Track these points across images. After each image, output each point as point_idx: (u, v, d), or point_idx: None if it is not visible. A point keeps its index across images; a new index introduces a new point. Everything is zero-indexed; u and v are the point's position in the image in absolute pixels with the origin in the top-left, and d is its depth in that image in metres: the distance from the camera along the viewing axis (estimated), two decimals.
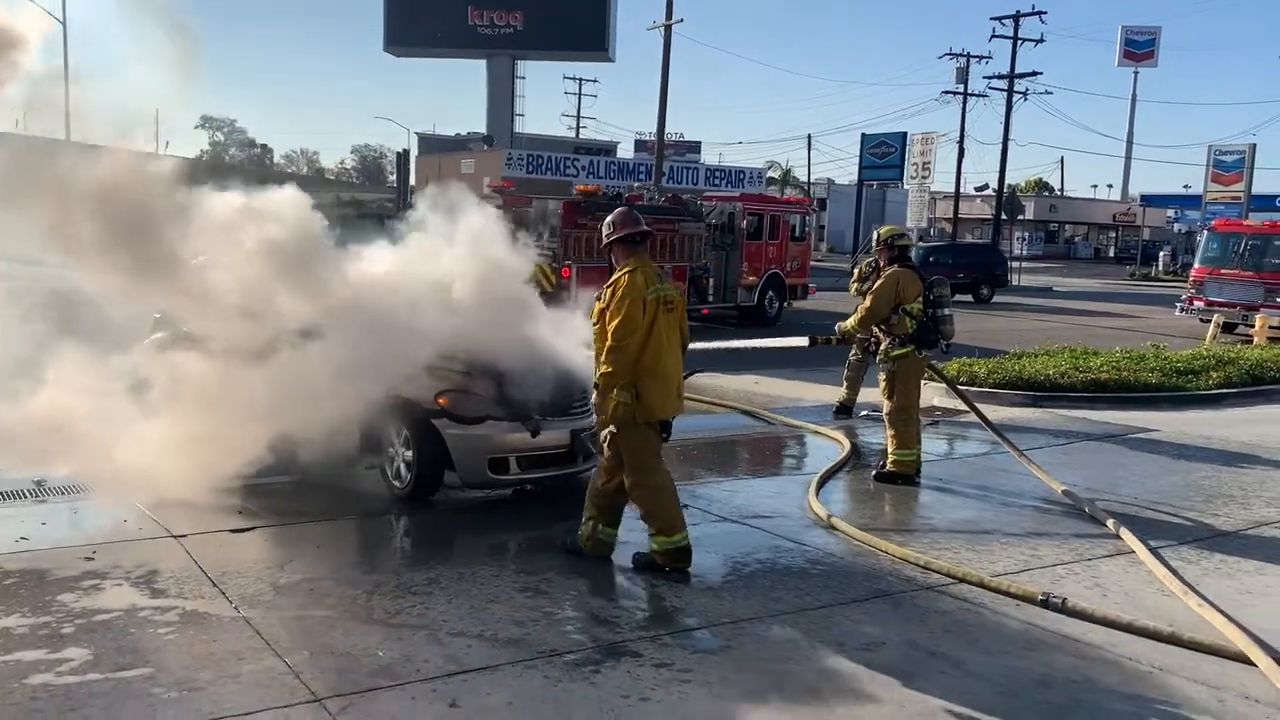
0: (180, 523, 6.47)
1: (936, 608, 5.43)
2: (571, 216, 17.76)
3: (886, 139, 41.95)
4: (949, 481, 8.37)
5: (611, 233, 5.89)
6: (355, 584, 5.47)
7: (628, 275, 5.70)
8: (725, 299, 21.41)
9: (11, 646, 4.51)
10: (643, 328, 5.60)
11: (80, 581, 5.35)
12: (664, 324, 5.68)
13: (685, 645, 4.82)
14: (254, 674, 4.34)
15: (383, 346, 6.94)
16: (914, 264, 8.70)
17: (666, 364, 5.70)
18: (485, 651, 4.65)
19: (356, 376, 6.95)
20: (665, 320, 5.69)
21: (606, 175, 38.23)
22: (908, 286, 8.17)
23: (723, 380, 13.37)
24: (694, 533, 6.70)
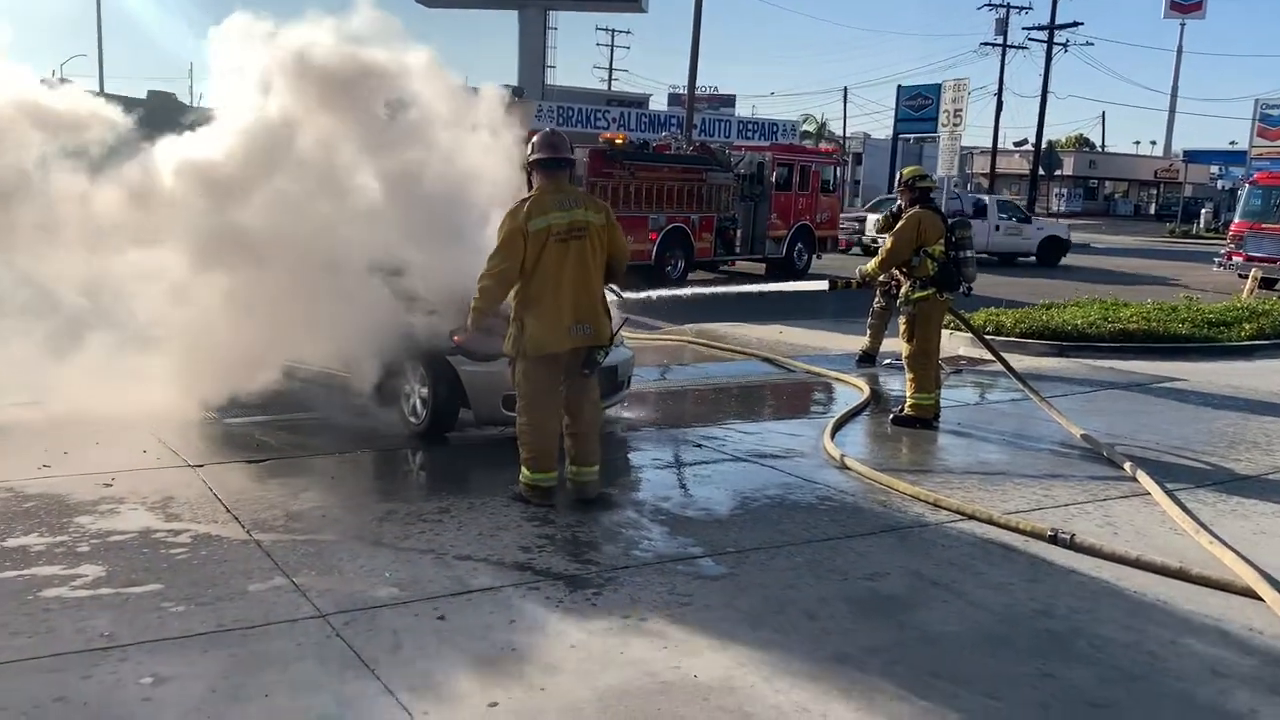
0: (198, 454, 6.59)
1: (943, 542, 5.42)
2: (597, 165, 17.66)
3: (923, 91, 41.37)
4: (968, 426, 8.33)
5: (529, 154, 5.74)
6: (367, 511, 5.54)
7: (514, 206, 5.61)
8: (753, 250, 21.28)
9: (28, 562, 4.62)
10: (519, 260, 5.46)
11: (97, 506, 5.46)
12: (555, 254, 5.47)
13: (688, 572, 4.84)
14: (261, 592, 4.42)
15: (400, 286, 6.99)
16: (936, 206, 8.61)
17: (556, 297, 5.49)
18: (490, 574, 4.70)
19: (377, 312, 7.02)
20: (557, 250, 5.47)
21: (638, 127, 37.99)
22: (929, 228, 8.08)
23: (746, 329, 13.36)
24: (704, 470, 6.78)
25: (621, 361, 7.61)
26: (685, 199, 19.27)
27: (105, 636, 3.92)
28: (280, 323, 7.31)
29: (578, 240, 5.56)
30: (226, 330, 7.57)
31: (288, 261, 7.23)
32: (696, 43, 28.89)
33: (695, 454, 7.20)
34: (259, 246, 7.19)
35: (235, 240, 7.15)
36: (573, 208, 5.61)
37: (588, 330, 5.62)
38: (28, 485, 5.73)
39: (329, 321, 7.16)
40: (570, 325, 5.56)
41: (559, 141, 5.79)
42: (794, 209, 21.90)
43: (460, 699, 3.61)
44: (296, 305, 7.20)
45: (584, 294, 5.60)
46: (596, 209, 5.74)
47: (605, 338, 5.73)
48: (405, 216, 7.32)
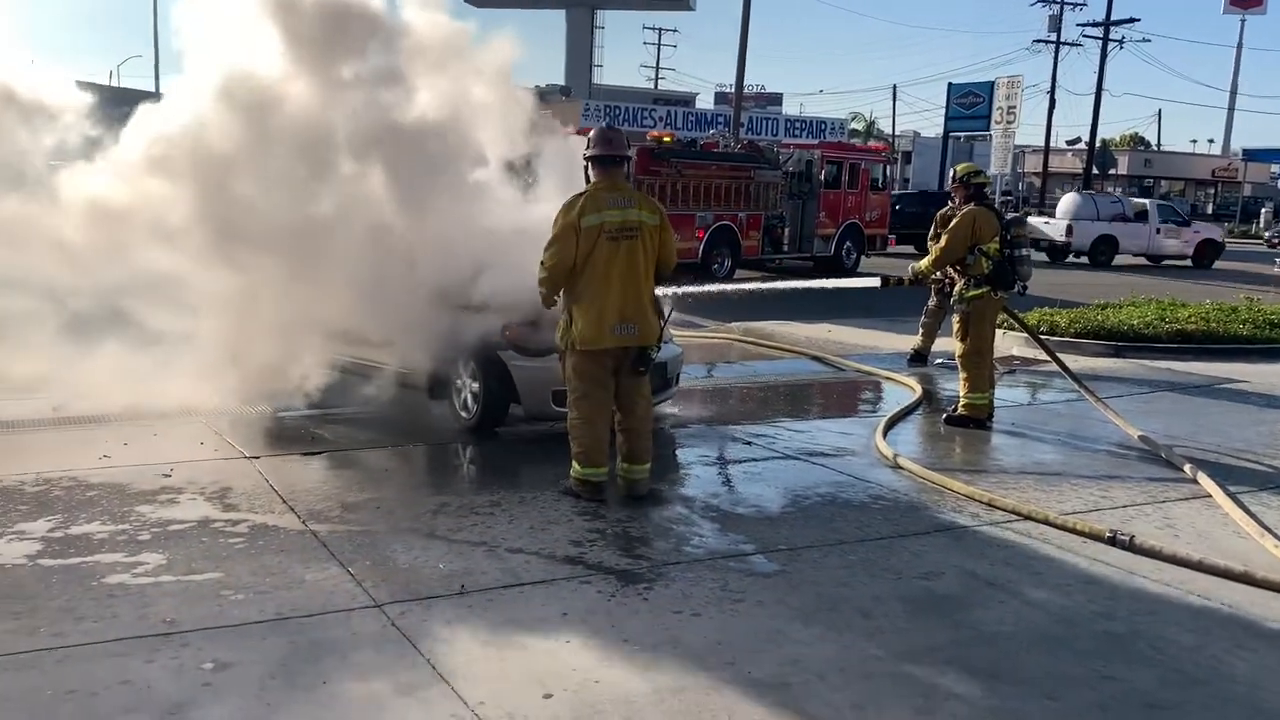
0: (254, 445, 6.69)
1: (999, 542, 5.35)
2: (644, 163, 17.64)
3: (974, 89, 40.77)
4: (1022, 427, 8.22)
5: (585, 149, 5.75)
6: (420, 504, 5.59)
7: (569, 200, 5.62)
8: (801, 249, 21.16)
9: (91, 549, 4.72)
10: (570, 255, 5.49)
11: (157, 495, 5.56)
12: (606, 252, 5.49)
13: (740, 569, 4.82)
14: (318, 581, 4.47)
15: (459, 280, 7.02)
16: (991, 203, 8.49)
17: (603, 295, 5.50)
18: (542, 567, 4.72)
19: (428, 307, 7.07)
20: (608, 248, 5.49)
21: (684, 126, 37.87)
22: (984, 225, 7.96)
23: (794, 328, 13.29)
24: (754, 468, 6.75)
25: (671, 358, 7.60)
26: (732, 197, 19.20)
27: (167, 623, 3.98)
28: (333, 318, 7.40)
29: (629, 239, 5.56)
30: (280, 325, 7.69)
31: (341, 256, 7.31)
32: (744, 41, 28.78)
33: (745, 451, 7.17)
34: (312, 240, 7.28)
35: (289, 232, 7.24)
36: (627, 206, 5.60)
37: (633, 330, 5.60)
38: (90, 475, 5.85)
39: (382, 316, 7.23)
40: (614, 324, 5.55)
41: (615, 138, 5.80)
42: (843, 207, 21.75)
43: (515, 691, 3.62)
44: (350, 300, 7.28)
45: (631, 293, 5.59)
46: (651, 209, 5.74)
47: (652, 338, 5.71)
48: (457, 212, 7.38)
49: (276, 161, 7.10)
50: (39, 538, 4.84)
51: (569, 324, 5.64)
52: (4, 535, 4.86)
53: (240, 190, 7.12)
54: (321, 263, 7.21)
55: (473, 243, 7.10)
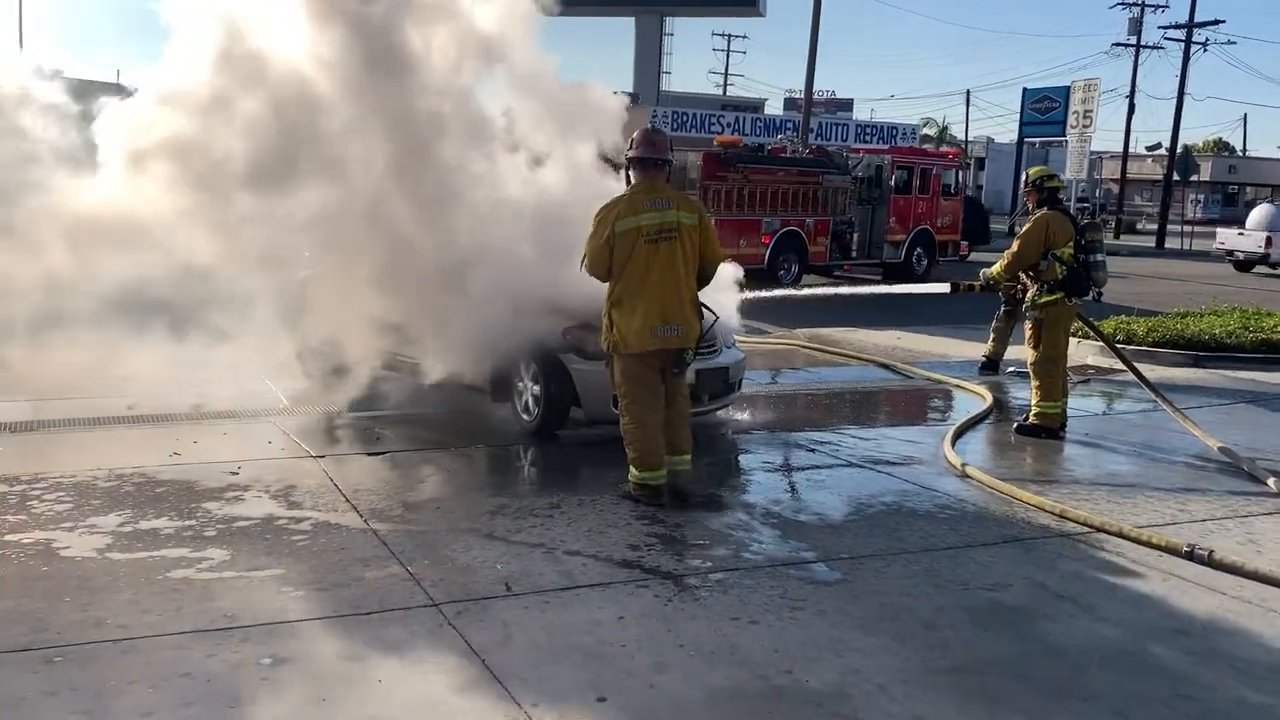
0: (320, 445, 6.77)
1: (1070, 554, 5.19)
2: (711, 168, 17.57)
3: (1050, 93, 39.90)
4: (1096, 437, 7.98)
5: (627, 150, 5.76)
6: (479, 505, 5.60)
7: (609, 202, 5.64)
8: (870, 255, 20.88)
9: (159, 544, 4.80)
10: (604, 261, 5.55)
11: (224, 492, 5.64)
12: (645, 254, 5.48)
13: (800, 576, 4.74)
14: (377, 579, 4.49)
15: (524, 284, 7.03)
16: (1066, 207, 8.28)
17: (644, 297, 5.48)
18: (599, 570, 4.69)
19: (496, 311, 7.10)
20: (647, 250, 5.48)
21: (753, 132, 37.69)
22: (1058, 230, 7.76)
23: (861, 334, 13.12)
24: (817, 475, 6.65)
25: (733, 363, 7.54)
26: (800, 202, 19.04)
27: (228, 617, 4.03)
28: (399, 320, 7.48)
29: (668, 241, 5.54)
30: (346, 325, 7.79)
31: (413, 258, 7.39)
32: (814, 45, 28.60)
33: (807, 458, 7.07)
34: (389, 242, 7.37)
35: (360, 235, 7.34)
36: (665, 208, 5.57)
37: (676, 331, 5.58)
38: (160, 471, 5.97)
39: (446, 318, 7.29)
40: (657, 326, 5.53)
41: (658, 140, 5.78)
42: (913, 213, 21.43)
43: (569, 693, 3.59)
44: (417, 303, 7.36)
45: (672, 295, 5.56)
46: (690, 210, 5.70)
47: (693, 339, 5.67)
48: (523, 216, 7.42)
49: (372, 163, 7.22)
50: (109, 531, 4.94)
51: (610, 327, 5.64)
52: (76, 528, 4.97)
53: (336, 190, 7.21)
54: (396, 265, 7.31)
55: (534, 245, 7.12)
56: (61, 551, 4.67)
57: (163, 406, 7.64)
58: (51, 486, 5.60)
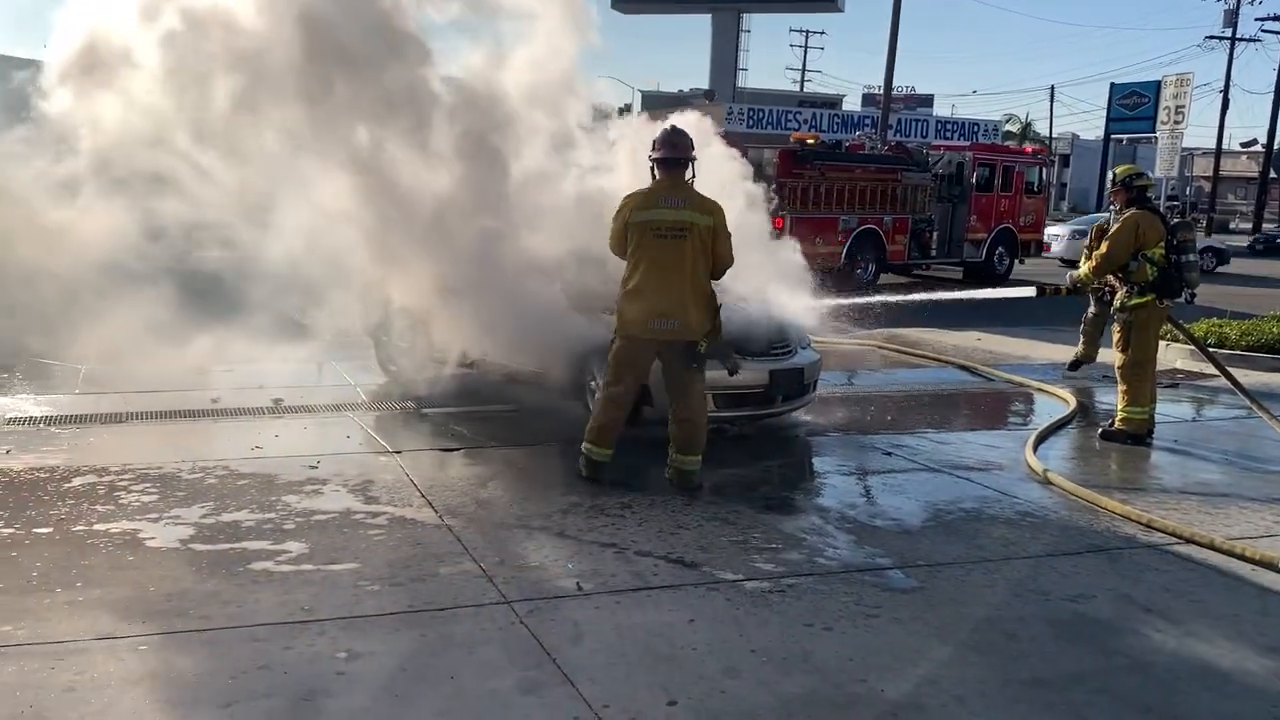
0: (397, 440, 6.86)
1: (1157, 566, 5.02)
2: (787, 165, 17.41)
3: (1139, 89, 38.77)
4: (1186, 444, 7.72)
5: (651, 151, 5.96)
6: (551, 503, 5.61)
7: (630, 193, 5.95)
8: (950, 254, 20.51)
9: (239, 536, 4.90)
10: (619, 245, 5.90)
11: (303, 486, 5.75)
12: (654, 248, 5.74)
13: (876, 583, 4.66)
14: (450, 575, 4.53)
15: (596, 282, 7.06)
16: (1155, 206, 8.01)
17: (645, 288, 5.75)
18: (671, 571, 4.66)
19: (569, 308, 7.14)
20: (656, 244, 5.73)
21: (830, 129, 37.26)
22: (1148, 230, 7.51)
23: (940, 336, 12.89)
24: (894, 479, 6.54)
25: (808, 364, 7.46)
26: (878, 200, 18.77)
27: (305, 610, 4.09)
28: (475, 317, 7.55)
29: (677, 239, 5.74)
30: (423, 322, 7.90)
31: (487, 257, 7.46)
32: (894, 40, 28.22)
33: (884, 462, 6.95)
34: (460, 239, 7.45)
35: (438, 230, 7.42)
36: (680, 207, 5.79)
37: (673, 325, 5.77)
38: (242, 465, 6.10)
39: (521, 316, 7.33)
40: (654, 319, 5.76)
41: (680, 140, 5.95)
42: (995, 211, 20.99)
43: (639, 696, 3.57)
44: (493, 300, 7.42)
45: (675, 290, 5.75)
46: (705, 211, 5.83)
47: (695, 334, 5.80)
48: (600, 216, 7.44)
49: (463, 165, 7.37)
50: (192, 523, 5.06)
51: (619, 313, 5.92)
52: (161, 520, 5.10)
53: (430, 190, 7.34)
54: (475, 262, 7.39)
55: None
56: (147, 542, 4.79)
57: (245, 400, 7.82)
58: (138, 478, 5.75)
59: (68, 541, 4.75)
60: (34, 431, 6.76)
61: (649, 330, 5.81)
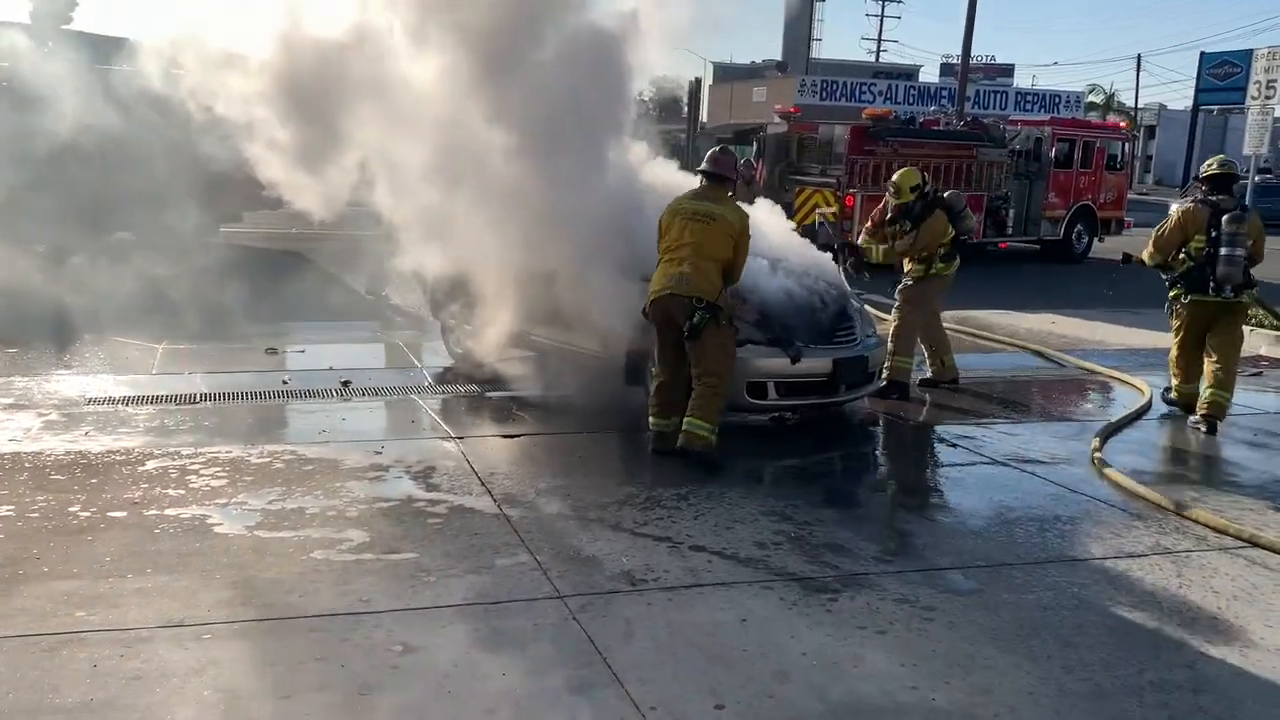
0: (460, 425, 6.95)
1: (1227, 571, 4.87)
2: (859, 142, 17.12)
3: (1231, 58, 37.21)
4: (1266, 438, 7.47)
5: (701, 165, 6.67)
6: (608, 493, 5.64)
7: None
8: (1026, 232, 19.99)
9: (303, 524, 5.02)
10: (659, 233, 6.44)
11: (367, 472, 5.86)
12: (679, 226, 6.32)
13: (933, 584, 4.60)
14: (506, 567, 4.58)
15: None
16: (1219, 200, 7.56)
17: (670, 253, 6.32)
18: (724, 568, 4.66)
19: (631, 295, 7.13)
20: (682, 224, 6.32)
21: (905, 101, 36.63)
22: (1188, 222, 7.54)
23: (1014, 319, 12.62)
24: (957, 473, 6.45)
25: (873, 351, 7.36)
26: (953, 177, 18.33)
27: (364, 602, 4.18)
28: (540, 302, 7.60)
29: (703, 222, 6.30)
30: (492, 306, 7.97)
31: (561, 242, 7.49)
32: (972, 10, 27.50)
33: (949, 454, 6.85)
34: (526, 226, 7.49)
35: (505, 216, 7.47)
36: (706, 202, 6.38)
37: (685, 280, 6.17)
38: (308, 450, 6.23)
39: (584, 302, 7.35)
40: (669, 278, 6.23)
41: (724, 159, 6.61)
42: (1074, 187, 20.39)
43: (687, 698, 3.58)
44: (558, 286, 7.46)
45: (693, 257, 6.21)
46: (735, 215, 6.37)
47: (699, 290, 6.15)
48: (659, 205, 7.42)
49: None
50: (258, 509, 5.19)
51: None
52: (229, 504, 5.25)
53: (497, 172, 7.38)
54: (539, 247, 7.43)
55: None
56: (215, 528, 4.93)
57: (315, 382, 7.99)
58: (209, 462, 5.91)
59: (140, 526, 4.91)
60: (112, 412, 6.98)
61: (667, 284, 6.24)
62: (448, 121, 7.43)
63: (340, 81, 7.46)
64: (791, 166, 18.25)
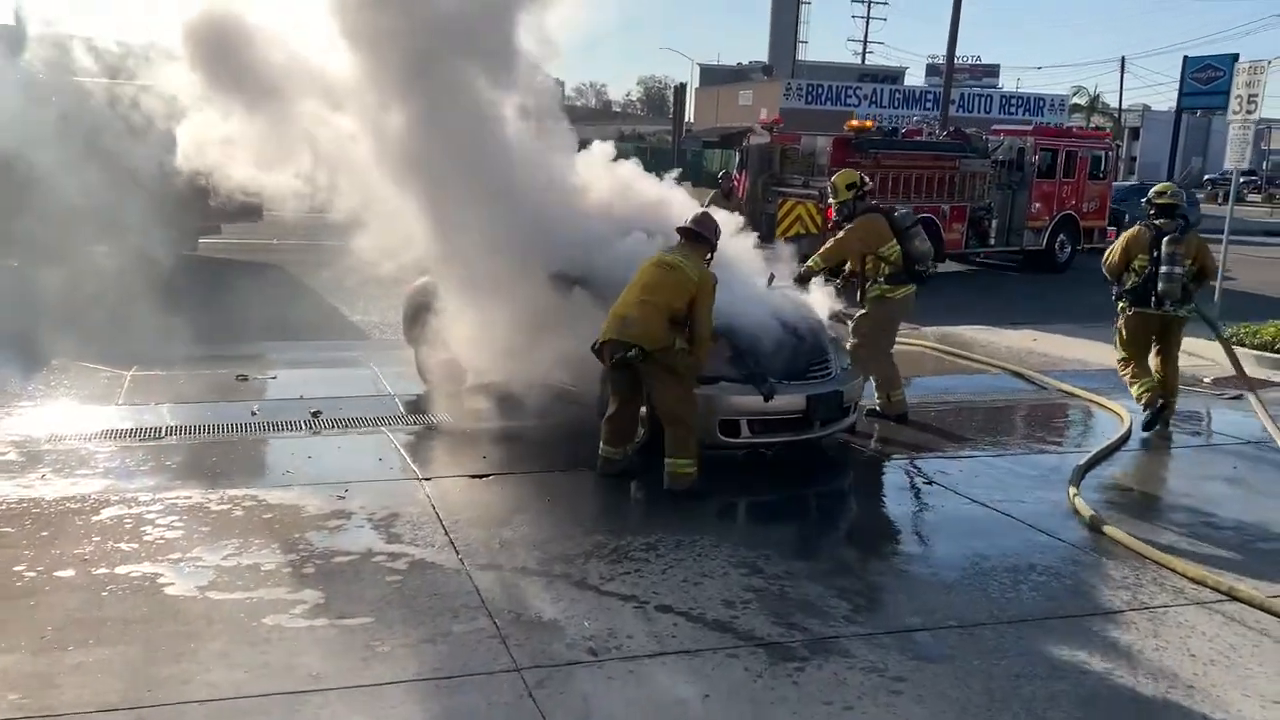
0: (428, 464, 6.83)
1: (1204, 629, 4.77)
2: (841, 154, 16.98)
3: (1214, 62, 37.34)
4: (1245, 470, 7.40)
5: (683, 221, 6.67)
6: (576, 543, 5.50)
7: None
8: (1009, 242, 19.94)
9: (257, 583, 4.86)
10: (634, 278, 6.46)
11: (328, 521, 5.70)
12: (644, 273, 6.38)
13: (903, 648, 4.48)
14: (463, 634, 4.43)
15: None
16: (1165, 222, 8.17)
17: (627, 298, 6.33)
18: (690, 633, 4.52)
19: None
20: (650, 271, 6.37)
21: (890, 104, 36.67)
22: (1132, 243, 8.26)
23: (995, 335, 12.54)
24: (932, 516, 6.36)
25: (848, 386, 7.24)
26: (935, 188, 18.30)
27: (313, 677, 4.03)
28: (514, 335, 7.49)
29: (661, 269, 6.35)
30: (463, 335, 7.85)
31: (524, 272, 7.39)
32: (956, 16, 27.43)
33: (923, 494, 6.75)
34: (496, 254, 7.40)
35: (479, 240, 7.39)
36: (670, 255, 6.44)
37: (628, 324, 6.21)
38: (270, 495, 6.06)
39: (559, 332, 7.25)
40: (617, 321, 6.25)
41: (704, 221, 6.65)
42: (1058, 197, 20.36)
43: None
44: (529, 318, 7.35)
45: (645, 301, 6.21)
46: (698, 272, 6.32)
47: (647, 341, 6.14)
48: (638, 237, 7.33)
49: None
50: (212, 566, 5.02)
51: None
52: (182, 561, 5.08)
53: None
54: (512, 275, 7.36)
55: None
56: (166, 589, 4.77)
57: (284, 413, 7.83)
58: (167, 509, 5.75)
59: (88, 588, 4.74)
60: (72, 451, 6.80)
61: (609, 332, 6.26)
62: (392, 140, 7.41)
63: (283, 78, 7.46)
64: (774, 178, 18.13)
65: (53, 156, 10.34)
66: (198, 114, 7.78)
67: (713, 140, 43.03)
